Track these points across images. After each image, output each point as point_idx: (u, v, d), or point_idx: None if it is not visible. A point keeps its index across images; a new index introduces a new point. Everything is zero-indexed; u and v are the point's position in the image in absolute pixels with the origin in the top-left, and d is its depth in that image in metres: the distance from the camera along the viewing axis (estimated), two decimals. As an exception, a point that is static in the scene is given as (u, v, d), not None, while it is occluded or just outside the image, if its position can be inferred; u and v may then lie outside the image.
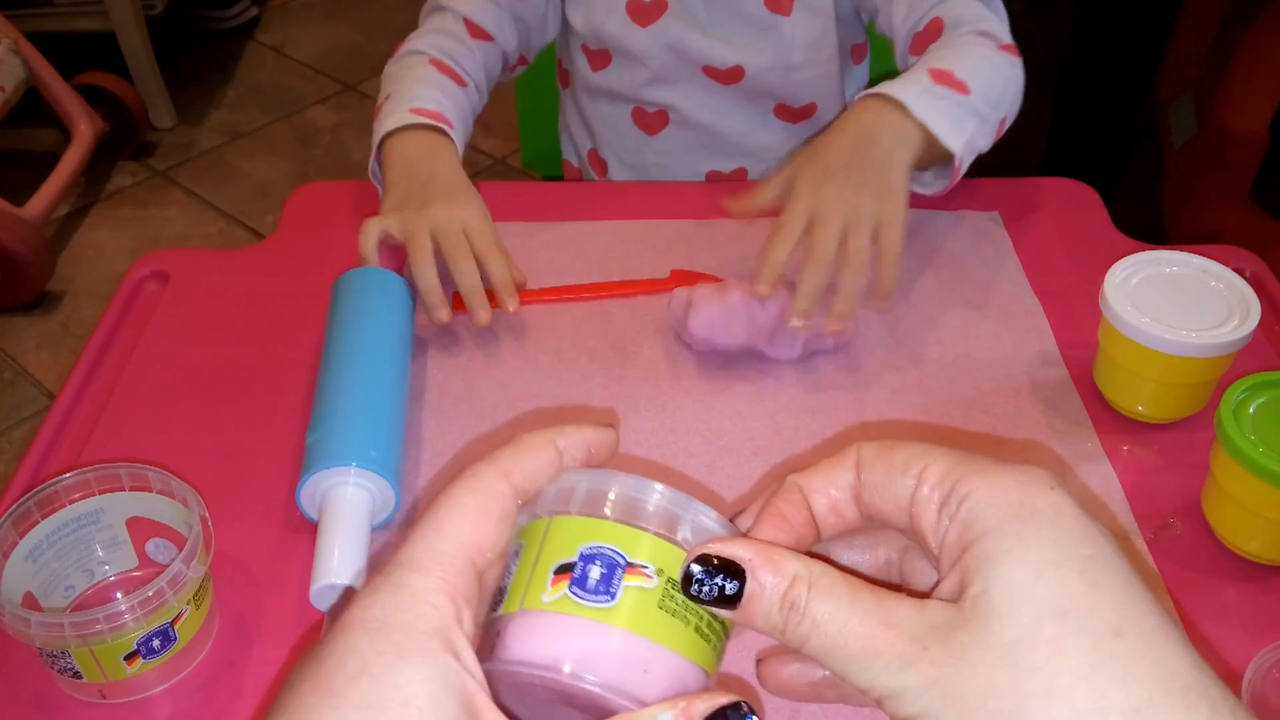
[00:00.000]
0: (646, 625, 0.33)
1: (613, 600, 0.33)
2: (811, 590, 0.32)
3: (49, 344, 1.96)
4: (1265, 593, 0.66)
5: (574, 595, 0.33)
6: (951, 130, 0.83)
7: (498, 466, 0.35)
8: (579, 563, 0.34)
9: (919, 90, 0.83)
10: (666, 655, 0.33)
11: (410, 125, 0.89)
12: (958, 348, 0.83)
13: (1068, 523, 0.31)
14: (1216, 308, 0.73)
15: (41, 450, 0.75)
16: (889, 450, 0.35)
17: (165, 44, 2.49)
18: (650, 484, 0.35)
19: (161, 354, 0.83)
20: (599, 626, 0.33)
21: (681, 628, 0.34)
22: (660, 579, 0.34)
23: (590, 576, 0.33)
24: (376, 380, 0.73)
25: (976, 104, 0.85)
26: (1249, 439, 0.64)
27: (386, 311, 0.79)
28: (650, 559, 0.34)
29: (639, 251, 0.92)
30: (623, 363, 0.82)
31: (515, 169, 2.31)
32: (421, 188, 0.85)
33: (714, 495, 0.72)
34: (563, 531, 0.35)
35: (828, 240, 0.76)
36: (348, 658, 0.29)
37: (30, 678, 0.62)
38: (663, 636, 0.33)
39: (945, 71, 0.86)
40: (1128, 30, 1.88)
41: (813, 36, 1.02)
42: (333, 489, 0.67)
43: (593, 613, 0.33)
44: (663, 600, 0.34)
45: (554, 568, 0.34)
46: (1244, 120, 1.83)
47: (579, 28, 1.05)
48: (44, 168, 2.09)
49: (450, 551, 0.33)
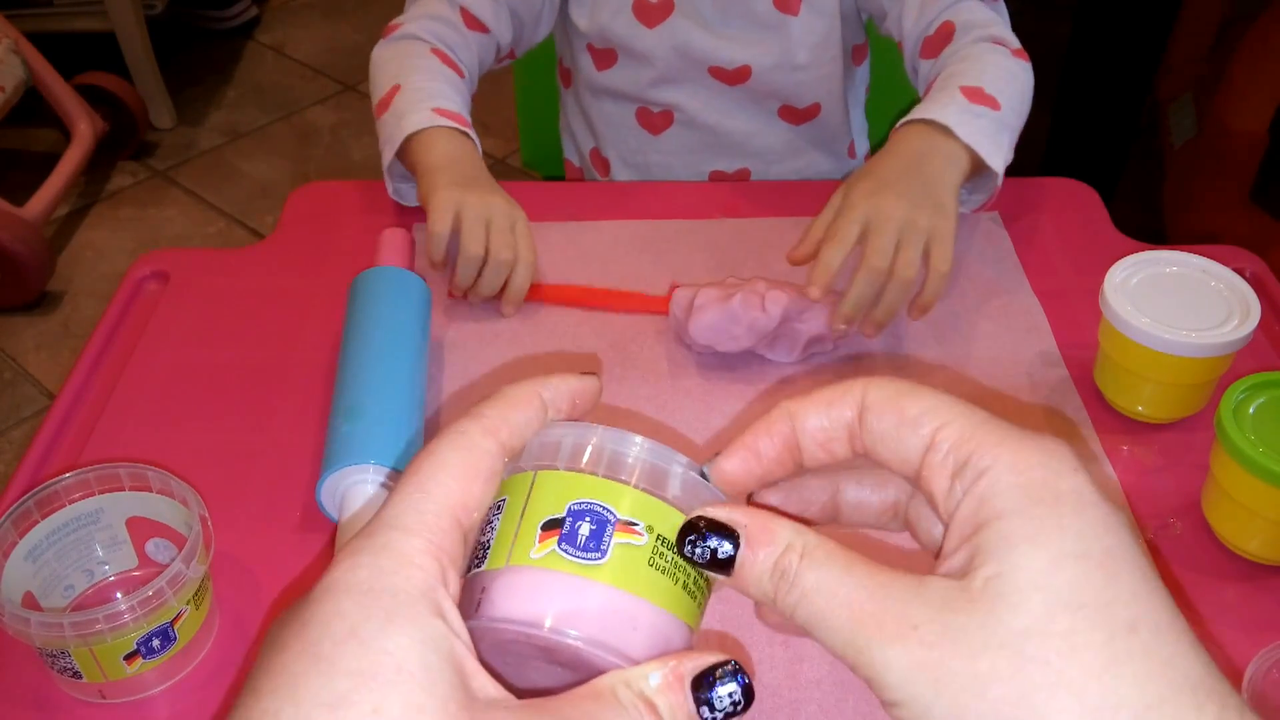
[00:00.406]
0: (635, 582, 0.33)
1: (603, 557, 0.33)
2: (803, 559, 0.31)
3: (49, 344, 1.96)
4: (1265, 593, 0.66)
5: (563, 551, 0.33)
6: (992, 148, 0.84)
7: (484, 423, 0.34)
8: (568, 518, 0.33)
9: (959, 110, 0.84)
10: (655, 612, 0.33)
11: (437, 125, 0.89)
12: (958, 348, 0.83)
13: (1090, 510, 0.30)
14: (1216, 308, 0.73)
15: (41, 450, 0.75)
16: (900, 399, 0.33)
17: (165, 44, 2.49)
18: (634, 438, 0.35)
19: (161, 354, 0.83)
20: (587, 583, 0.32)
21: (670, 585, 0.33)
22: (650, 536, 0.33)
23: (580, 533, 0.33)
24: (400, 379, 0.73)
25: (1008, 118, 0.87)
26: (1249, 439, 0.64)
27: (407, 311, 0.78)
28: (640, 515, 0.34)
29: (640, 252, 0.92)
30: (623, 363, 0.82)
31: (515, 169, 2.31)
32: (472, 178, 0.87)
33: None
34: (549, 486, 0.34)
35: (883, 250, 0.77)
36: (334, 621, 0.28)
37: (30, 678, 0.62)
38: (651, 594, 0.33)
39: (976, 89, 0.87)
40: (1128, 30, 1.88)
41: (819, 37, 1.02)
42: (352, 487, 0.66)
43: (582, 569, 0.32)
44: (652, 557, 0.33)
45: (541, 523, 0.33)
46: (1244, 120, 1.83)
47: (583, 28, 1.05)
48: (44, 168, 2.09)
49: (435, 511, 0.32)
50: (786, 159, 1.11)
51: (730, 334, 0.78)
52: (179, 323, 0.86)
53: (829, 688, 0.61)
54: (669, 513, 0.34)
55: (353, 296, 0.79)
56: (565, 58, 1.14)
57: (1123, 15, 1.87)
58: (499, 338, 0.84)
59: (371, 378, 0.72)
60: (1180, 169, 2.00)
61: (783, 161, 1.11)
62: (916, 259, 0.78)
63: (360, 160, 2.39)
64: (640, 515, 0.34)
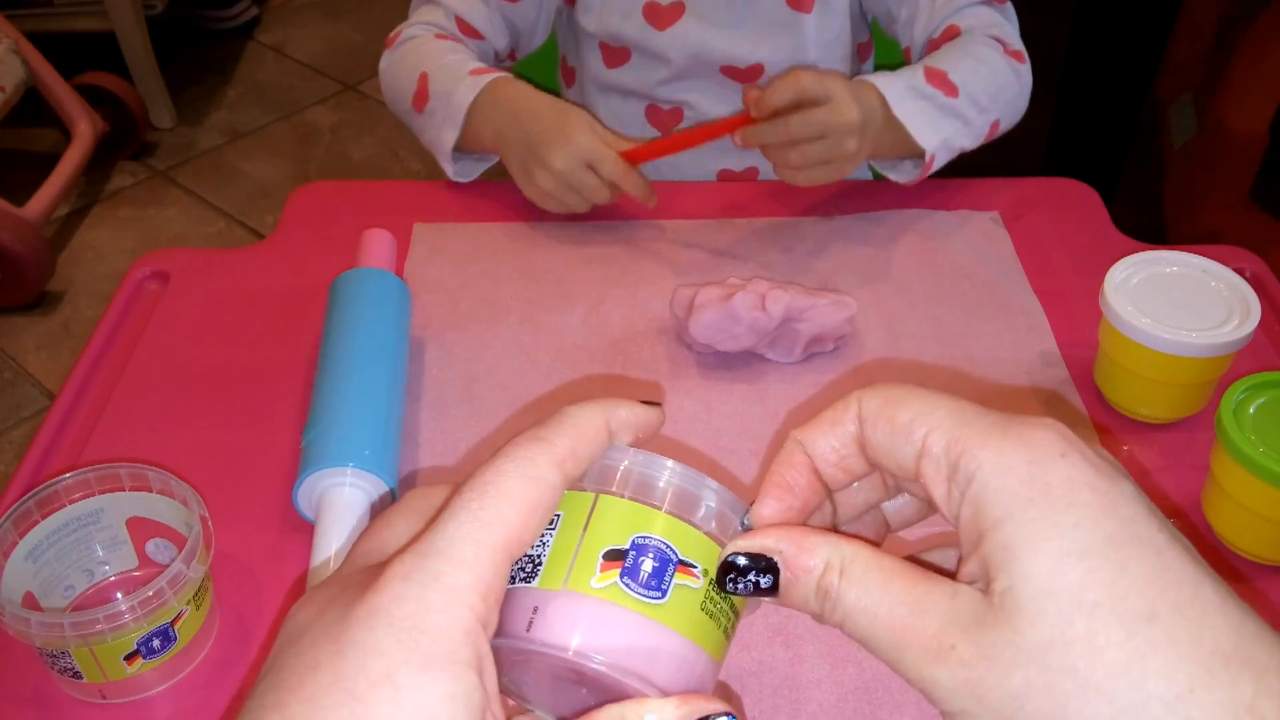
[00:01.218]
0: (691, 627, 0.32)
1: (664, 597, 0.32)
2: (843, 578, 0.31)
3: (49, 344, 1.96)
4: (1265, 593, 0.66)
5: (625, 586, 0.32)
6: (923, 126, 0.89)
7: (554, 454, 0.32)
8: (631, 551, 0.32)
9: (903, 87, 0.89)
10: (706, 660, 0.33)
11: (485, 86, 0.93)
12: (958, 348, 0.83)
13: (1084, 496, 0.29)
14: (1216, 308, 0.73)
15: (41, 450, 0.75)
16: (890, 408, 0.33)
17: (165, 44, 2.49)
18: (704, 478, 0.34)
19: (161, 354, 0.83)
20: (650, 624, 0.32)
21: (714, 630, 0.33)
22: (704, 580, 0.33)
23: (642, 569, 0.32)
24: (372, 380, 0.73)
25: (962, 107, 0.90)
26: (1249, 439, 0.64)
27: (382, 311, 0.79)
28: (698, 558, 0.33)
29: (640, 252, 0.92)
30: (623, 363, 0.82)
31: (515, 169, 2.31)
32: (538, 136, 0.91)
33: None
34: (612, 513, 0.33)
35: (810, 122, 0.85)
36: (371, 660, 0.28)
37: (30, 678, 0.62)
38: (703, 639, 0.33)
39: (940, 72, 0.90)
40: (1128, 30, 1.88)
41: (831, 34, 1.03)
42: (329, 489, 0.67)
43: (644, 608, 0.32)
44: (704, 602, 0.33)
45: (603, 552, 0.32)
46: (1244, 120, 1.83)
47: (592, 30, 1.05)
48: (44, 168, 2.09)
49: (492, 546, 0.30)
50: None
51: (730, 333, 0.78)
52: (179, 323, 0.86)
53: (829, 688, 0.61)
54: (719, 554, 0.34)
55: (331, 298, 0.80)
56: (570, 56, 1.14)
57: (1123, 15, 1.87)
58: (484, 338, 0.84)
59: (347, 380, 0.72)
60: (1180, 169, 2.00)
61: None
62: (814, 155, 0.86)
63: (360, 160, 2.39)
64: (698, 557, 0.33)
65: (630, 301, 0.87)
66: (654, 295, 0.87)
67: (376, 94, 2.60)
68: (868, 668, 0.62)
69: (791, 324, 0.79)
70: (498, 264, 0.91)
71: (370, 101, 2.57)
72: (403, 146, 2.41)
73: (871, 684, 0.61)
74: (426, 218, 0.96)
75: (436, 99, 0.95)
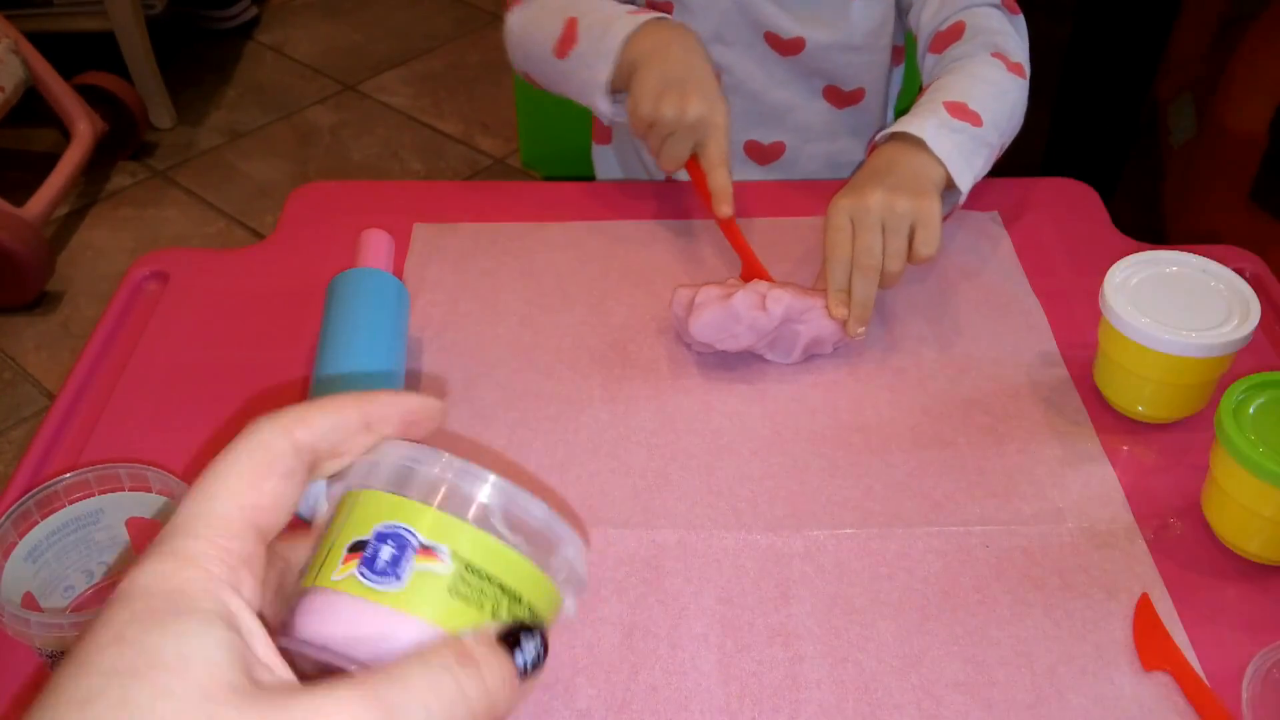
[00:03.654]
0: (433, 610, 0.32)
1: (400, 583, 0.32)
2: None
3: (49, 344, 1.96)
4: (1265, 593, 0.66)
5: (361, 576, 0.32)
6: (962, 165, 0.86)
7: (278, 422, 0.34)
8: (372, 541, 0.33)
9: (937, 125, 0.86)
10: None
11: (641, 24, 0.90)
12: (958, 348, 0.83)
13: None
14: (1216, 308, 0.73)
15: (41, 450, 0.75)
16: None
17: (165, 44, 2.49)
18: (465, 464, 0.34)
19: (161, 354, 0.83)
20: (380, 610, 0.32)
21: (471, 612, 0.33)
22: (455, 562, 0.33)
23: (380, 557, 0.32)
24: (370, 380, 0.73)
25: (988, 135, 0.88)
26: (1249, 439, 0.64)
27: (381, 312, 0.78)
28: (444, 539, 0.33)
29: (641, 252, 0.92)
30: (623, 363, 0.82)
31: (515, 169, 2.31)
32: (673, 80, 0.87)
33: (712, 495, 0.72)
34: (365, 506, 0.34)
35: (871, 248, 0.79)
36: (100, 629, 0.29)
37: (30, 678, 0.62)
38: (449, 621, 0.32)
39: (959, 104, 0.88)
40: (1128, 30, 1.88)
41: (875, 22, 1.03)
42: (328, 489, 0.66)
43: (377, 595, 0.32)
44: (455, 584, 0.32)
45: (349, 544, 0.33)
46: (1244, 120, 1.83)
47: None
48: (44, 168, 2.09)
49: (223, 512, 0.32)
50: (822, 139, 1.11)
51: (731, 333, 0.78)
52: (179, 323, 0.86)
53: (829, 688, 0.61)
54: (484, 538, 0.33)
55: (329, 298, 0.79)
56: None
57: (1123, 15, 1.87)
58: (484, 338, 0.84)
59: (345, 381, 0.72)
60: (1180, 169, 2.00)
61: (818, 141, 1.11)
62: (902, 248, 0.80)
63: (360, 160, 2.39)
64: (444, 539, 0.33)
65: (630, 301, 0.87)
66: (654, 295, 0.87)
67: (376, 94, 2.61)
68: (868, 668, 0.62)
69: (791, 325, 0.79)
70: (498, 264, 0.91)
71: (370, 101, 2.57)
72: (403, 146, 2.41)
73: (871, 684, 0.61)
74: (426, 218, 0.96)
75: (587, 39, 0.92)
